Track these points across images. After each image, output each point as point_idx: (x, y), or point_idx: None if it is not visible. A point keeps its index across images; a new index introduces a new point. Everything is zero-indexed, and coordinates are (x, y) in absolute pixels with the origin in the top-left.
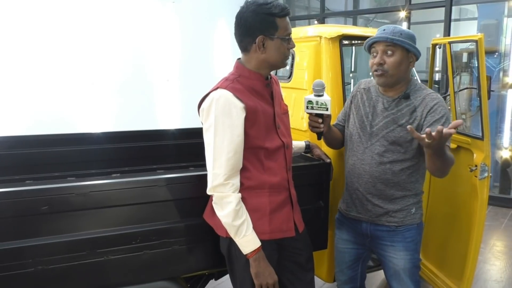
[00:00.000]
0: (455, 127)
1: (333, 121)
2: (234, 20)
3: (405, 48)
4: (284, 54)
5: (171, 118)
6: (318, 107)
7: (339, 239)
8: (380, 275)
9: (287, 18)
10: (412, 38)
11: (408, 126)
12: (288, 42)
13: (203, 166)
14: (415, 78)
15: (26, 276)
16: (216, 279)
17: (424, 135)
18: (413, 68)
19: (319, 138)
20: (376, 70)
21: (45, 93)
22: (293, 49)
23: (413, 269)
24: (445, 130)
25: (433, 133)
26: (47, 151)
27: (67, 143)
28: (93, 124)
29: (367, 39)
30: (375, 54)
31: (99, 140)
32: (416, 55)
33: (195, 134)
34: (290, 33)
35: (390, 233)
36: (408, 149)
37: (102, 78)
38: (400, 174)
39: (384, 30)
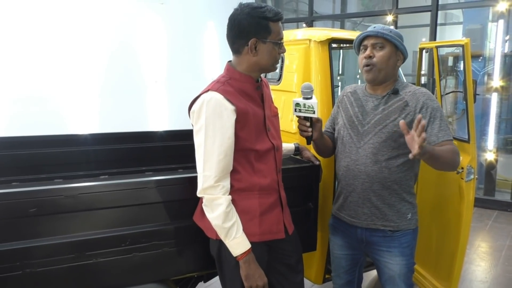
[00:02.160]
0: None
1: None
2: (222, 22)
3: (394, 44)
4: (275, 58)
5: (159, 120)
6: (306, 110)
7: (334, 244)
8: (370, 274)
9: (280, 23)
10: (401, 37)
11: (401, 122)
12: (279, 47)
13: (192, 168)
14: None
15: (13, 279)
16: (205, 282)
17: (416, 147)
18: (401, 72)
19: (308, 143)
20: (365, 65)
21: (33, 94)
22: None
23: (408, 273)
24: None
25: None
26: (33, 153)
27: (54, 144)
28: (81, 125)
29: (358, 34)
30: (364, 50)
31: (86, 141)
32: (404, 54)
33: (184, 136)
34: (282, 38)
35: (386, 239)
36: (401, 144)
37: (91, 80)
38: (397, 172)
39: (374, 27)
